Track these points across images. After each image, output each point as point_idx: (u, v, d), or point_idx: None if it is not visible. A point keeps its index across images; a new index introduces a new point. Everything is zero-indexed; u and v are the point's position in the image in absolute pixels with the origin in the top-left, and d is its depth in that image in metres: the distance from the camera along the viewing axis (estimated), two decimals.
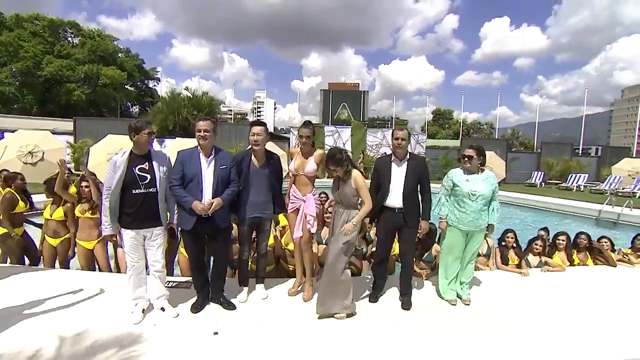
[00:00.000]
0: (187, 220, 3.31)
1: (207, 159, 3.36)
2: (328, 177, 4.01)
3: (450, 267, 3.94)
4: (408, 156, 3.79)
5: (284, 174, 4.13)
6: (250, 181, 3.61)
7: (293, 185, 3.77)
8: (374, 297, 3.87)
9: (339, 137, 22.37)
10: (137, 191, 3.11)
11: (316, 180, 3.85)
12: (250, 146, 3.70)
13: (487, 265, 5.02)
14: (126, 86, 43.54)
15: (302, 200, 3.74)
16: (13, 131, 15.80)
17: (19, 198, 4.70)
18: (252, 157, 3.65)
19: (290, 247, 4.42)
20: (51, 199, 4.61)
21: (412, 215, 3.71)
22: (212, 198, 3.30)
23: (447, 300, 3.89)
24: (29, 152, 13.70)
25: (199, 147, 3.37)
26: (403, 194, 3.68)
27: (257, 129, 3.61)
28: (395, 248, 4.27)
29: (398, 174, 3.73)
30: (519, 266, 5.00)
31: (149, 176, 3.14)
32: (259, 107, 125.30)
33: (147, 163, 3.17)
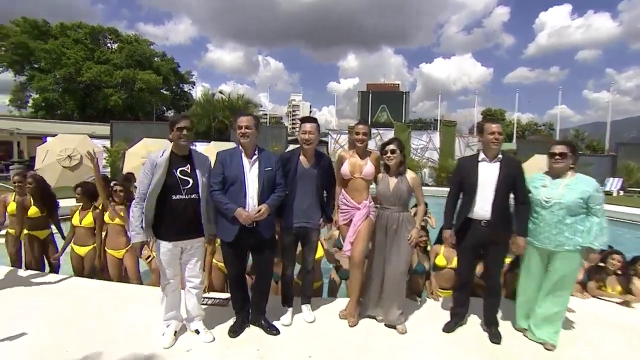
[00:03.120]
0: (229, 231, 3.03)
1: (250, 159, 3.10)
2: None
3: (525, 293, 3.35)
4: (500, 156, 3.24)
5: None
6: (297, 184, 3.31)
7: (343, 191, 3.46)
8: (449, 327, 3.42)
9: (381, 140, 21.75)
10: (177, 197, 2.88)
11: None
12: (291, 147, 3.55)
13: (583, 293, 4.33)
14: (161, 90, 45.20)
15: (356, 209, 3.39)
16: (55, 135, 16.52)
17: (30, 202, 4.59)
18: (300, 156, 3.36)
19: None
20: (80, 204, 4.52)
21: (502, 229, 3.19)
22: (257, 204, 3.02)
23: (520, 330, 3.40)
24: (68, 155, 14.23)
25: (240, 147, 3.12)
26: (493, 203, 3.16)
27: (308, 126, 3.32)
28: (451, 260, 4.08)
29: (487, 177, 3.20)
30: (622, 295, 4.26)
31: (191, 180, 2.91)
32: (295, 111, 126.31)
33: (188, 165, 2.94)
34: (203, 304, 3.46)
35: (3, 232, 4.81)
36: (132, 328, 3.25)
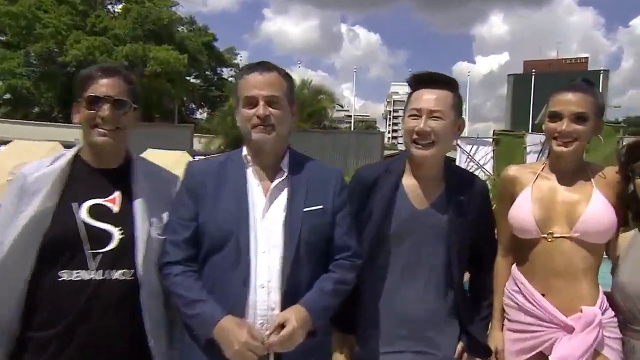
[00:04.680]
0: None
1: (271, 182, 1.49)
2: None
3: None
4: None
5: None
6: (399, 249, 1.64)
7: (518, 272, 1.64)
8: None
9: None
10: (76, 276, 1.39)
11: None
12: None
13: None
14: (187, 77, 33.38)
15: (558, 327, 1.52)
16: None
17: None
18: (406, 178, 1.67)
19: None
20: None
21: None
22: (282, 304, 1.40)
23: None
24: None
25: (245, 152, 1.52)
26: None
27: (426, 94, 1.58)
28: None
29: None
30: None
31: (117, 232, 1.45)
32: (396, 110, 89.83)
33: (116, 195, 1.51)
34: None
35: None
36: None
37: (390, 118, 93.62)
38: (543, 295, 1.54)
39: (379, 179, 1.66)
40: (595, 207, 1.53)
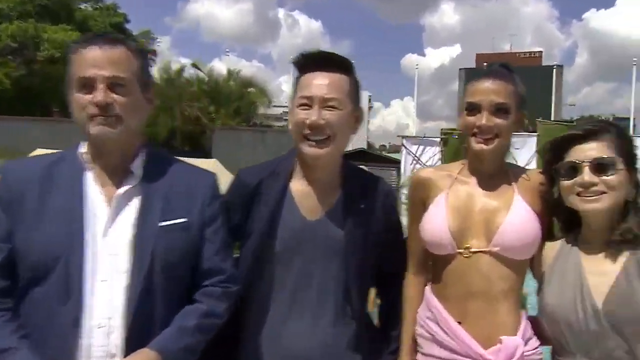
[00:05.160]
0: None
1: (117, 186, 1.20)
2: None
3: None
4: None
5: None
6: (285, 268, 1.38)
7: (430, 294, 1.39)
8: None
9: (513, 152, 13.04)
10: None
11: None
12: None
13: None
14: None
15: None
16: None
17: None
18: (295, 180, 1.41)
19: None
20: None
21: None
22: (126, 348, 1.11)
23: None
24: None
25: (82, 147, 1.23)
26: None
27: (316, 80, 1.32)
28: None
29: None
30: None
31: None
32: None
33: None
34: None
35: None
36: None
37: None
38: (459, 323, 1.33)
39: (263, 184, 1.39)
40: (515, 216, 1.33)
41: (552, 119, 21.54)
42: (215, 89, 18.53)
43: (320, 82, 1.29)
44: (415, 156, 13.09)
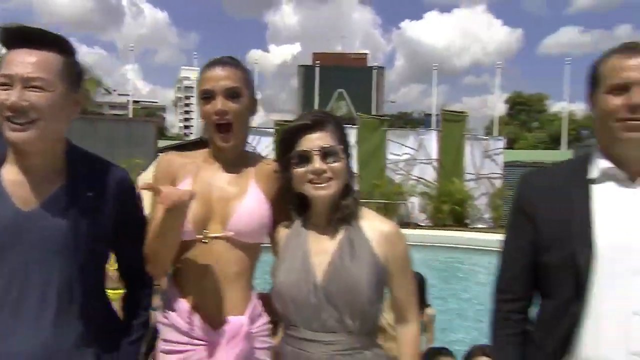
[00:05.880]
0: None
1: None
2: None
3: None
4: None
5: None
6: (2, 266, 1.16)
7: (169, 280, 1.50)
8: None
9: None
10: None
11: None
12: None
13: None
14: None
15: (201, 340, 1.33)
16: None
17: None
18: (7, 170, 1.19)
19: None
20: None
21: None
22: None
23: None
24: None
25: None
26: None
27: (23, 56, 1.12)
28: None
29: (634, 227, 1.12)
30: None
31: None
32: (188, 96, 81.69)
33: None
34: None
35: None
36: None
37: (179, 105, 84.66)
38: (195, 307, 1.33)
39: None
40: (249, 202, 1.37)
41: (373, 113, 23.60)
42: None
43: (23, 60, 1.11)
44: (252, 146, 12.78)
